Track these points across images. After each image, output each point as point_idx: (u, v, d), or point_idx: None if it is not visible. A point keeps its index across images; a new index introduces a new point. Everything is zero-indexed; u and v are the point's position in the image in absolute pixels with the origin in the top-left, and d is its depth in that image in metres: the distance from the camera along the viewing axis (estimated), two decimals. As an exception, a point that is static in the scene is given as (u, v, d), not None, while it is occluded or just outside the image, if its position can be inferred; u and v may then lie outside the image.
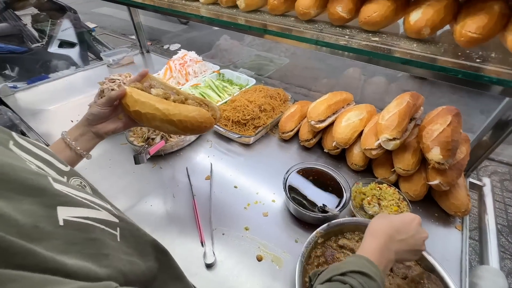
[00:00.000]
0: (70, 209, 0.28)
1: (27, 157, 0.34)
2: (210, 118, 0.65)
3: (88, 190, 0.46)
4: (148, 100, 0.63)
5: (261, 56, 2.10)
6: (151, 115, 0.62)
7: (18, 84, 1.88)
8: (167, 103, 0.63)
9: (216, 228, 0.79)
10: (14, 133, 0.37)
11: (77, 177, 0.44)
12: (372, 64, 0.64)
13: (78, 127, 0.64)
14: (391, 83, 2.59)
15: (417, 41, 0.63)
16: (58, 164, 0.41)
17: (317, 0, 0.73)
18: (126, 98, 0.64)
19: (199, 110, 0.63)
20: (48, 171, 0.36)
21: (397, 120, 0.80)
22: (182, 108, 0.62)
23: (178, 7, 0.95)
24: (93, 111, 0.63)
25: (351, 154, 0.97)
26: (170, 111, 0.62)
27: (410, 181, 0.85)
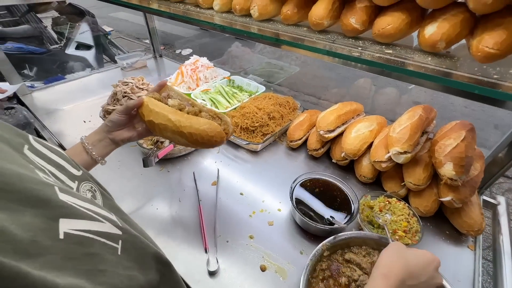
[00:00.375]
0: (73, 222, 0.28)
1: (40, 162, 0.35)
2: (221, 132, 0.64)
3: (98, 194, 0.46)
4: (162, 110, 0.64)
5: (272, 64, 2.12)
6: (163, 125, 0.63)
7: (36, 83, 1.95)
8: (180, 115, 0.63)
9: (221, 235, 0.78)
10: (31, 136, 0.38)
11: (88, 182, 0.45)
12: (385, 76, 0.63)
13: (97, 133, 0.67)
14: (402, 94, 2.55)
15: (432, 55, 0.62)
16: (71, 169, 0.42)
17: (330, 11, 0.74)
18: (143, 108, 0.66)
19: (210, 124, 0.62)
20: (59, 176, 0.37)
21: (409, 133, 0.79)
22: (194, 121, 0.62)
23: (193, 14, 0.98)
24: (112, 118, 0.66)
25: (359, 165, 0.95)
26: (181, 123, 0.62)
27: (421, 196, 0.83)
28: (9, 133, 0.34)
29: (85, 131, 1.21)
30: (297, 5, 0.81)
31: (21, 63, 2.77)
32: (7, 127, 0.35)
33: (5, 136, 0.32)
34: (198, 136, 0.62)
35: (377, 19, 0.67)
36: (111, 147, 0.68)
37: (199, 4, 1.01)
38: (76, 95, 1.52)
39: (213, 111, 0.69)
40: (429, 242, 0.78)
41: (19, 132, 0.37)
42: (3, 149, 0.29)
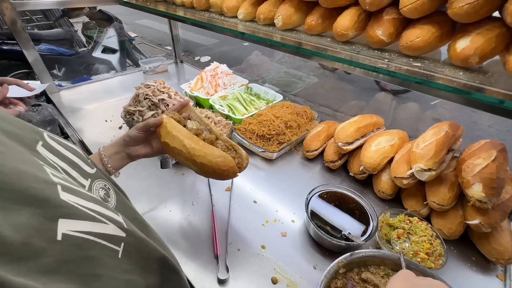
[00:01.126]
0: (73, 222, 0.27)
1: (53, 158, 0.35)
2: (234, 168, 0.62)
3: (112, 193, 0.46)
4: (178, 134, 0.63)
5: (290, 73, 2.13)
6: (177, 150, 0.62)
7: (63, 83, 2.05)
8: (195, 142, 0.62)
9: (232, 242, 0.77)
10: (46, 133, 0.38)
11: (102, 180, 0.45)
12: (412, 89, 0.61)
13: (115, 145, 0.68)
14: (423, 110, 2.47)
15: (463, 69, 0.59)
16: (84, 166, 0.42)
17: (356, 22, 0.73)
18: (161, 128, 0.65)
19: (224, 157, 0.61)
20: (71, 173, 0.37)
21: (434, 150, 0.75)
22: (208, 151, 0.61)
23: (217, 22, 1.00)
24: (131, 133, 0.66)
25: (378, 180, 0.92)
26: (195, 151, 0.61)
27: (445, 217, 0.78)
28: (23, 130, 0.34)
29: (106, 130, 1.25)
30: (322, 16, 0.81)
31: (51, 64, 2.94)
32: (22, 124, 0.35)
33: (18, 133, 0.32)
34: (210, 168, 0.61)
35: (405, 31, 0.65)
36: (126, 161, 0.68)
37: (224, 12, 1.04)
38: (100, 95, 1.58)
39: (230, 142, 0.68)
40: (453, 268, 0.73)
41: (35, 129, 0.37)
42: (11, 146, 0.29)
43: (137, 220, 0.50)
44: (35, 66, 1.42)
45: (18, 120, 0.36)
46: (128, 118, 1.17)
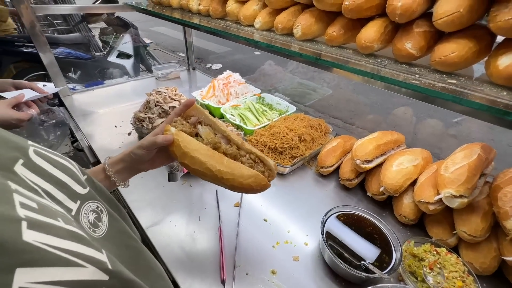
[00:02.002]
0: (36, 271, 0.23)
1: (34, 179, 0.31)
2: (267, 185, 0.58)
3: (104, 216, 0.42)
4: (198, 155, 0.55)
5: (303, 84, 2.09)
6: (200, 172, 0.57)
7: (77, 86, 2.08)
8: (218, 161, 0.56)
9: (240, 265, 0.71)
10: (32, 149, 0.35)
11: (94, 201, 0.41)
12: (446, 108, 0.55)
13: (121, 161, 0.61)
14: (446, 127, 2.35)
15: (507, 89, 0.53)
16: (74, 186, 0.38)
17: (382, 34, 0.69)
18: (174, 146, 0.57)
19: (256, 177, 0.56)
20: (56, 196, 0.33)
21: (467, 175, 0.68)
22: (237, 171, 0.55)
23: (233, 30, 0.97)
24: (137, 152, 0.59)
25: (400, 203, 0.85)
26: (222, 174, 0.55)
27: (477, 250, 0.70)
28: (1, 148, 0.30)
29: (115, 135, 1.23)
30: (344, 27, 0.77)
31: (67, 67, 3.01)
32: (3, 139, 0.31)
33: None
34: (242, 189, 0.56)
35: (438, 45, 0.60)
36: (133, 174, 0.63)
37: (241, 21, 1.01)
38: (112, 100, 1.58)
39: (255, 153, 0.61)
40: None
41: (19, 145, 0.33)
42: None
43: (130, 247, 0.45)
44: (50, 69, 1.43)
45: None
46: (138, 125, 1.15)
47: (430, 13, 0.63)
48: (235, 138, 0.62)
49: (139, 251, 0.48)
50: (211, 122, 0.63)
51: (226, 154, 0.58)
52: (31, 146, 0.35)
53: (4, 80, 0.94)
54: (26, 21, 1.28)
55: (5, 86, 0.93)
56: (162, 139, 0.56)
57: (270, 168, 0.60)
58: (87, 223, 0.37)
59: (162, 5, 1.43)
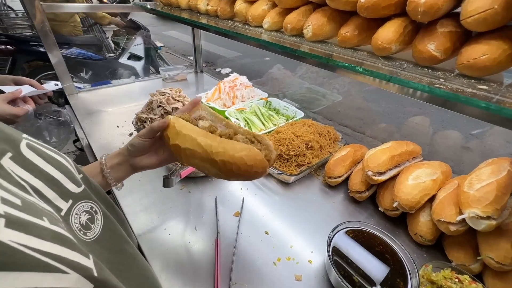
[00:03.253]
0: (8, 276, 0.20)
1: (22, 175, 0.29)
2: (263, 161, 0.49)
3: (98, 217, 0.39)
4: (190, 133, 0.52)
5: (313, 90, 2.03)
6: (190, 151, 0.51)
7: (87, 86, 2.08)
8: (212, 138, 0.51)
9: (236, 282, 0.64)
10: (25, 142, 0.32)
11: (88, 201, 0.38)
12: (477, 118, 0.49)
13: (118, 154, 0.58)
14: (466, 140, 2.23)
15: (549, 97, 0.46)
16: (68, 184, 0.35)
17: (401, 35, 0.63)
18: (168, 130, 0.54)
19: (249, 150, 0.48)
20: (46, 194, 0.31)
21: (495, 193, 0.60)
22: (228, 146, 0.48)
23: (240, 30, 0.93)
24: (134, 142, 0.57)
25: (415, 221, 0.77)
26: (212, 148, 0.49)
27: (506, 280, 0.62)
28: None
29: (116, 135, 1.20)
30: (359, 27, 0.71)
31: (79, 67, 3.06)
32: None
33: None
34: (234, 165, 0.48)
35: (466, 47, 0.54)
36: (130, 172, 0.60)
37: (249, 21, 0.97)
38: (117, 100, 1.56)
39: (252, 133, 0.55)
40: None
41: (10, 137, 0.30)
42: None
43: (124, 253, 0.42)
44: (57, 68, 1.43)
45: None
46: (140, 126, 1.12)
47: (455, 12, 0.57)
48: (233, 124, 0.58)
49: (133, 258, 0.44)
50: (212, 117, 0.61)
51: (221, 136, 0.53)
52: (24, 139, 0.32)
53: (4, 76, 0.92)
54: (37, 20, 1.28)
55: (6, 81, 0.91)
56: (158, 123, 0.55)
57: (268, 148, 0.52)
58: (78, 225, 0.35)
59: (171, 6, 1.42)
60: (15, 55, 2.76)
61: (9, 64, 2.78)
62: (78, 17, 3.06)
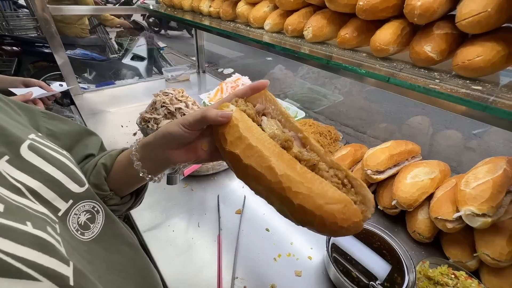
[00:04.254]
0: None
1: (19, 177, 0.30)
2: (359, 223, 0.33)
3: (100, 216, 0.40)
4: (261, 146, 0.36)
5: (314, 90, 2.05)
6: (255, 172, 0.36)
7: (91, 86, 2.12)
8: (290, 165, 0.35)
9: (238, 277, 0.66)
10: (30, 141, 0.33)
11: (91, 201, 0.38)
12: (469, 117, 0.50)
13: (148, 145, 0.44)
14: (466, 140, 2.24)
15: (541, 98, 0.48)
16: (69, 184, 0.35)
17: (399, 37, 0.64)
18: (227, 127, 0.39)
19: (347, 205, 0.32)
20: (44, 195, 0.31)
21: (491, 192, 0.62)
22: (316, 188, 0.33)
23: (242, 32, 0.95)
24: (173, 130, 0.41)
25: (414, 219, 0.78)
26: (292, 184, 0.33)
27: (501, 276, 0.63)
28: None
29: (120, 135, 1.23)
30: (358, 29, 0.73)
31: (83, 67, 3.10)
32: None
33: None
34: (317, 218, 0.33)
35: (461, 49, 0.55)
36: (164, 166, 0.46)
37: (250, 23, 0.99)
38: (121, 100, 1.59)
39: (344, 170, 0.37)
40: None
41: (12, 139, 0.31)
42: None
43: (123, 252, 0.42)
44: (63, 69, 1.46)
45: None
46: (143, 125, 1.14)
47: (452, 14, 0.59)
48: (314, 144, 0.40)
49: (131, 257, 0.45)
50: (282, 117, 0.44)
51: (299, 160, 0.37)
52: (29, 140, 0.33)
53: (14, 78, 0.95)
54: (42, 21, 1.31)
55: (16, 83, 0.94)
56: (216, 114, 0.38)
57: (365, 201, 0.35)
58: (75, 225, 0.36)
59: (173, 7, 1.44)
60: (21, 56, 2.81)
61: (14, 65, 2.83)
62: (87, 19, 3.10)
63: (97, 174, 0.45)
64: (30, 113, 0.43)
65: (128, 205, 0.52)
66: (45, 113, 0.47)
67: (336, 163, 0.38)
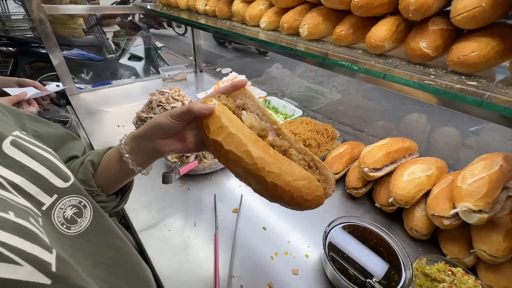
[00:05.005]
0: None
1: (1, 172, 0.30)
2: (321, 197, 0.40)
3: (87, 211, 0.40)
4: (240, 134, 0.42)
5: (311, 88, 2.04)
6: (235, 157, 0.42)
7: (88, 86, 2.11)
8: (264, 149, 0.41)
9: (235, 276, 0.66)
10: (13, 138, 0.33)
11: (77, 196, 0.38)
12: (465, 113, 0.50)
13: (138, 136, 0.48)
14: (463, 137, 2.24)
15: (536, 92, 0.48)
16: (54, 179, 0.35)
17: (394, 33, 0.64)
18: (210, 119, 0.44)
19: (310, 181, 0.39)
20: (27, 189, 0.32)
21: (487, 188, 0.62)
22: (285, 168, 0.39)
23: (238, 30, 0.95)
24: (161, 121, 0.45)
25: (411, 216, 0.78)
26: (265, 165, 0.39)
27: (498, 272, 0.63)
28: None
29: (116, 135, 1.22)
30: (353, 26, 0.72)
31: (80, 68, 3.08)
32: None
33: None
34: (286, 193, 0.39)
35: (456, 44, 0.55)
36: (151, 156, 0.49)
37: (246, 21, 0.99)
38: (117, 100, 1.58)
39: (310, 155, 0.45)
40: None
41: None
42: None
43: (114, 247, 0.42)
44: (58, 69, 1.45)
45: None
46: (140, 125, 1.13)
47: (447, 10, 0.58)
48: (287, 133, 0.47)
49: (124, 252, 0.45)
50: (259, 111, 0.50)
51: (273, 146, 0.43)
52: (11, 136, 0.34)
53: (8, 78, 0.95)
54: (37, 21, 1.30)
55: (10, 83, 0.94)
56: (200, 107, 0.43)
57: (326, 180, 0.43)
58: (61, 219, 0.36)
59: (169, 6, 1.43)
60: (17, 56, 2.79)
61: (11, 65, 2.81)
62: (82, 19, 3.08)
63: (84, 170, 0.46)
64: (17, 115, 0.44)
65: (114, 203, 0.53)
66: (31, 116, 0.48)
67: (304, 149, 0.46)
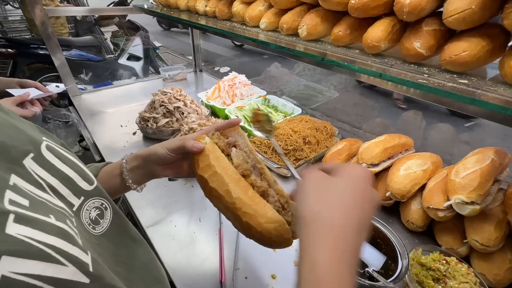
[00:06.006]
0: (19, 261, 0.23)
1: (41, 173, 0.32)
2: (289, 241, 0.44)
3: (108, 213, 0.42)
4: (223, 173, 0.46)
5: (310, 87, 2.07)
6: (217, 193, 0.46)
7: (88, 87, 2.12)
8: (243, 189, 0.46)
9: (239, 268, 0.69)
10: (45, 144, 0.36)
11: (99, 198, 0.41)
12: (456, 109, 0.53)
13: (138, 158, 0.55)
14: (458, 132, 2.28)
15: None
16: (80, 182, 0.38)
17: (389, 33, 0.67)
18: (201, 156, 0.49)
19: (280, 225, 0.42)
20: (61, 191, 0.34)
21: (479, 180, 0.65)
22: (259, 209, 0.43)
23: (238, 31, 0.97)
24: (159, 152, 0.52)
25: (407, 209, 0.81)
26: (242, 205, 0.44)
27: (489, 261, 0.66)
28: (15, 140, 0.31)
29: (120, 135, 1.24)
30: (350, 26, 0.75)
31: (79, 68, 3.09)
32: (17, 134, 0.32)
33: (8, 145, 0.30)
34: (258, 233, 0.43)
35: (448, 44, 0.58)
36: (149, 178, 0.57)
37: (246, 22, 1.01)
38: (119, 100, 1.60)
39: (285, 196, 0.50)
40: (501, 325, 0.61)
41: (34, 139, 0.34)
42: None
43: (128, 247, 0.45)
44: (60, 70, 1.46)
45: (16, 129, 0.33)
46: (143, 125, 1.16)
47: (440, 11, 0.61)
48: (268, 174, 0.53)
49: (136, 252, 0.48)
50: (247, 149, 0.56)
51: (253, 186, 0.48)
52: (44, 141, 0.36)
53: (10, 79, 0.97)
54: (39, 23, 1.31)
55: (12, 84, 0.96)
56: (192, 145, 0.49)
57: None
58: (88, 220, 0.38)
59: (169, 7, 1.45)
60: (16, 58, 2.79)
61: (10, 67, 2.82)
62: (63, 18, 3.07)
63: None
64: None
65: None
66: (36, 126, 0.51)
67: (281, 190, 0.51)
